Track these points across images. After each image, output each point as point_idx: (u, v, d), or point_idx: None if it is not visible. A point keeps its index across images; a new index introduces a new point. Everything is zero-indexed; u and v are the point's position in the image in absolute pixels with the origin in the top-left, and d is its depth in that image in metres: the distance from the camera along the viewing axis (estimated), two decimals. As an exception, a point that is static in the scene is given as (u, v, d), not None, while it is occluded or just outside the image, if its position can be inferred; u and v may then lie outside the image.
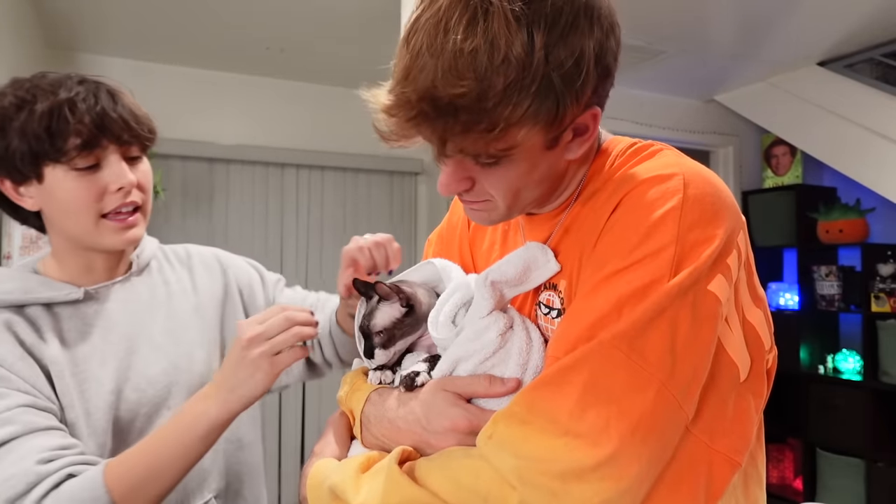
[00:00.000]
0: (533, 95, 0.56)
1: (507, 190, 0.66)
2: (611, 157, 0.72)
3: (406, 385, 0.71)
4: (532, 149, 0.62)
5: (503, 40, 0.54)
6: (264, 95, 3.21)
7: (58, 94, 0.84)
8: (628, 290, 0.58)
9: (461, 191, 0.67)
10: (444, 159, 0.64)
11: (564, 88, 0.57)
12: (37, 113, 0.83)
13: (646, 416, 0.55)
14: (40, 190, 0.87)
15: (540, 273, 0.71)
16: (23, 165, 0.84)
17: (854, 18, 2.56)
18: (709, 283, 0.59)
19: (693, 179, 0.63)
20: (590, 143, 0.65)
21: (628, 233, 0.61)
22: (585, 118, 0.62)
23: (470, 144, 0.59)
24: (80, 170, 0.85)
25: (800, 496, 3.28)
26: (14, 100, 0.84)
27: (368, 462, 0.66)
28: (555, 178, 0.69)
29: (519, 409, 0.58)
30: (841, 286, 3.21)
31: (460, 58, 0.54)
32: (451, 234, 0.91)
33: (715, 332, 0.59)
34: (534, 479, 0.55)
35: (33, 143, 0.83)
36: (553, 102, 0.57)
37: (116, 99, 0.88)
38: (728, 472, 0.59)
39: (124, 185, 0.88)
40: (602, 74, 0.61)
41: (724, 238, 0.60)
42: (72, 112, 0.83)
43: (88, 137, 0.84)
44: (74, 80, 0.87)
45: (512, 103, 0.55)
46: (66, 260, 0.93)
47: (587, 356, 0.57)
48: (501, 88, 0.55)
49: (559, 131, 0.61)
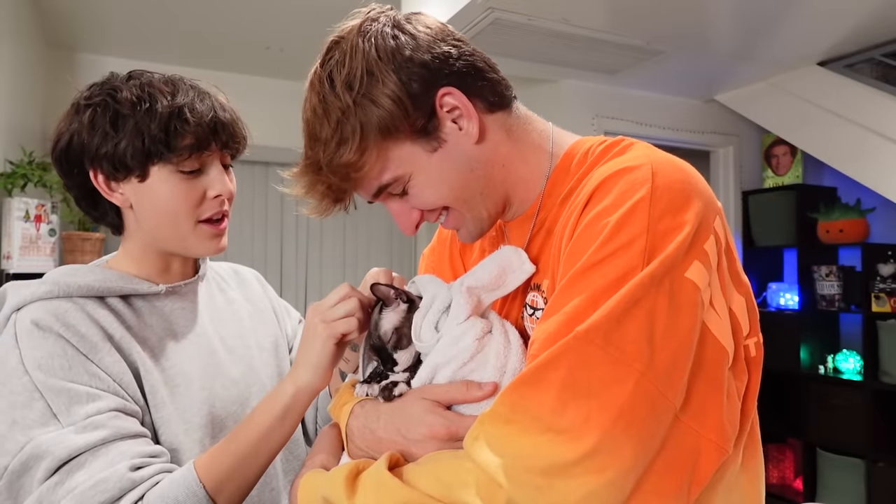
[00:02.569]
0: (356, 120, 0.67)
1: (442, 197, 0.72)
2: (577, 156, 0.74)
3: (384, 396, 0.72)
4: (417, 160, 0.70)
5: (316, 100, 0.69)
6: (264, 95, 3.21)
7: (176, 96, 0.85)
8: (603, 283, 0.59)
9: (418, 222, 0.75)
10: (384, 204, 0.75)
11: (374, 100, 0.67)
12: (158, 112, 0.83)
13: (626, 407, 0.55)
14: (139, 188, 0.86)
15: (515, 276, 0.72)
16: (132, 161, 0.83)
17: (854, 18, 2.56)
18: (685, 270, 0.59)
19: (661, 168, 0.63)
20: (474, 119, 0.71)
21: (601, 226, 0.62)
22: (440, 102, 0.69)
23: (363, 187, 0.71)
24: (185, 173, 0.86)
25: (800, 496, 3.27)
26: (131, 96, 0.84)
27: (357, 469, 0.66)
28: (482, 167, 0.73)
29: (503, 408, 0.59)
30: (841, 286, 3.21)
31: (306, 128, 0.71)
32: (442, 247, 0.94)
33: (695, 319, 0.59)
34: (519, 477, 0.55)
35: (148, 141, 0.82)
36: (375, 114, 0.67)
37: (223, 104, 0.90)
38: (715, 459, 0.59)
39: (223, 192, 0.90)
40: (408, 72, 0.68)
41: (696, 224, 0.61)
42: (192, 114, 0.84)
43: (201, 141, 0.85)
44: (187, 82, 0.89)
45: (347, 140, 0.67)
46: (143, 260, 0.92)
47: (565, 352, 0.58)
48: (331, 133, 0.67)
49: (420, 132, 0.69)
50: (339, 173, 0.68)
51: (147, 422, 0.82)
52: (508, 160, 0.74)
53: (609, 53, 2.84)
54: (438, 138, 0.70)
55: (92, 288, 0.84)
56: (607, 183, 0.64)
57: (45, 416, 0.74)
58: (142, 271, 0.92)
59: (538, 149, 0.76)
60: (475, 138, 0.71)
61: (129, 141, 0.82)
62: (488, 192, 0.74)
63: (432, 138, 0.70)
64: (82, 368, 0.77)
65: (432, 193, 0.72)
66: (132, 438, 0.76)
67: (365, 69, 0.67)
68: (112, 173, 0.85)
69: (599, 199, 0.64)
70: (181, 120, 0.83)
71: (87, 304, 0.83)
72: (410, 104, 0.67)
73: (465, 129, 0.71)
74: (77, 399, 0.75)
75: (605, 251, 0.60)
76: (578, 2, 2.33)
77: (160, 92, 0.85)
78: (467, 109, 0.70)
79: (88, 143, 0.84)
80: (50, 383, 0.75)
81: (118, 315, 0.85)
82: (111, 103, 0.84)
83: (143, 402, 0.82)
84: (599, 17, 2.48)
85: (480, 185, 0.73)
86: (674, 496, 0.57)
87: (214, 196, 0.89)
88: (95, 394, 0.77)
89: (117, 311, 0.86)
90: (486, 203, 0.74)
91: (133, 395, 0.81)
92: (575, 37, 2.61)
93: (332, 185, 0.70)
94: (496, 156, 0.73)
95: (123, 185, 0.86)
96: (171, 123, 0.83)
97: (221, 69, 3.13)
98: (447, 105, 0.70)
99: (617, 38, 2.68)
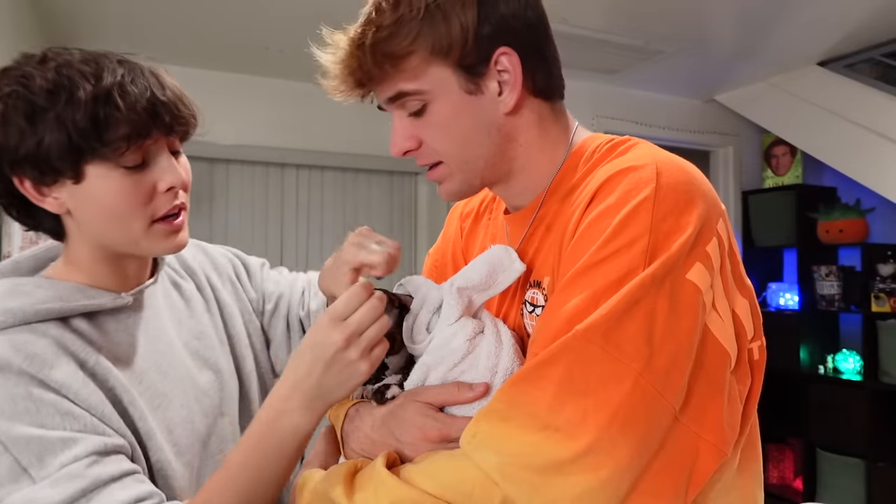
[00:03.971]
0: (419, 24, 0.67)
1: (448, 143, 0.72)
2: (586, 153, 0.74)
3: (377, 399, 0.71)
4: (448, 90, 0.69)
5: None
6: (264, 95, 3.21)
7: (102, 78, 0.71)
8: (604, 282, 0.59)
9: (409, 149, 0.74)
10: (392, 114, 0.74)
11: (444, 14, 0.67)
12: (81, 101, 0.69)
13: (623, 406, 0.55)
14: (75, 191, 0.73)
15: (506, 275, 0.71)
16: (59, 162, 0.70)
17: (854, 18, 2.56)
18: (687, 271, 0.59)
19: (666, 168, 0.63)
20: (517, 91, 0.70)
21: (603, 225, 0.61)
22: (497, 58, 0.69)
23: (383, 79, 0.70)
24: (127, 168, 0.73)
25: (800, 496, 3.27)
26: (45, 84, 0.69)
27: (355, 467, 0.66)
28: (499, 137, 0.72)
29: (500, 405, 0.59)
30: (841, 286, 3.21)
31: (368, 7, 0.70)
32: (446, 245, 0.94)
33: (696, 321, 0.59)
34: (515, 475, 0.55)
35: (75, 135, 0.69)
36: (436, 27, 0.67)
37: (161, 81, 0.76)
38: (713, 462, 0.59)
39: (175, 184, 0.77)
40: (488, 8, 0.68)
41: (699, 226, 0.60)
42: (123, 99, 0.70)
43: (139, 128, 0.72)
44: (113, 59, 0.74)
45: (403, 32, 0.67)
46: (93, 268, 0.79)
47: (563, 350, 0.58)
48: (391, 21, 0.67)
49: (466, 67, 0.68)
50: (375, 58, 0.67)
51: (138, 453, 0.73)
52: (527, 144, 0.74)
53: (609, 53, 2.84)
54: (478, 85, 0.70)
55: (53, 311, 0.71)
56: (611, 182, 0.64)
57: (12, 471, 0.63)
58: (95, 280, 0.78)
59: (558, 143, 0.76)
60: (508, 109, 0.71)
61: (52, 138, 0.69)
62: (493, 162, 0.74)
63: (472, 82, 0.69)
64: (52, 409, 0.66)
65: (443, 135, 0.72)
66: (116, 481, 0.67)
67: None
68: (38, 177, 0.72)
69: (603, 197, 0.64)
70: (110, 105, 0.70)
71: (49, 329, 0.70)
72: (473, 41, 0.68)
73: (504, 96, 0.71)
74: (49, 448, 0.65)
75: (607, 250, 0.60)
76: (578, 2, 2.33)
77: (80, 74, 0.70)
78: (516, 79, 0.70)
79: (4, 144, 0.70)
80: (15, 433, 0.64)
81: (84, 336, 0.73)
82: (24, 93, 0.69)
83: (130, 431, 0.73)
84: (599, 17, 2.48)
85: (488, 153, 0.73)
86: (671, 497, 0.57)
87: (166, 189, 0.76)
88: (70, 438, 0.66)
89: (81, 331, 0.74)
90: (484, 171, 0.74)
91: (117, 427, 0.71)
92: (575, 37, 2.61)
93: (363, 65, 0.68)
94: (518, 134, 0.73)
95: (56, 190, 0.73)
96: (97, 111, 0.69)
97: (221, 69, 3.13)
98: (501, 64, 0.69)
99: (617, 38, 2.68)
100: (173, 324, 0.86)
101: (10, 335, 0.68)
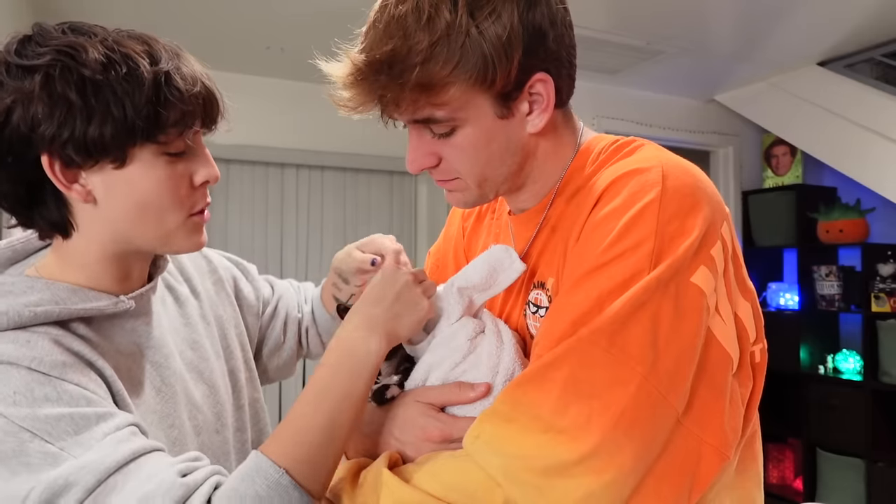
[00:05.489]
0: (460, 51, 0.60)
1: (471, 165, 0.68)
2: (592, 154, 0.73)
3: (376, 399, 0.71)
4: (481, 116, 0.65)
5: (427, 3, 0.60)
6: (264, 95, 3.21)
7: (159, 59, 0.66)
8: (609, 285, 0.58)
9: (427, 167, 0.70)
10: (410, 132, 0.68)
11: (490, 45, 0.61)
12: (143, 79, 0.64)
13: (628, 409, 0.55)
14: (112, 178, 0.66)
15: (507, 275, 0.71)
16: (111, 143, 0.63)
17: (854, 18, 2.56)
18: (691, 274, 0.59)
19: (672, 171, 0.63)
20: (548, 114, 0.67)
21: (609, 227, 0.61)
22: (533, 83, 0.65)
23: (411, 105, 0.63)
24: (171, 155, 0.68)
25: (800, 496, 3.27)
26: (98, 56, 0.63)
27: (358, 466, 0.66)
28: (521, 155, 0.70)
29: (504, 406, 0.59)
30: (841, 286, 3.21)
31: (392, 22, 0.61)
32: (447, 245, 0.93)
33: (700, 324, 0.59)
34: (518, 476, 0.55)
35: (132, 115, 0.63)
36: (480, 58, 0.61)
37: (205, 72, 0.73)
38: (716, 465, 0.59)
39: (210, 178, 0.72)
40: (534, 34, 0.63)
41: (704, 229, 0.60)
42: (182, 81, 0.66)
43: (187, 116, 0.67)
44: (159, 41, 0.70)
45: (441, 59, 0.60)
46: (95, 268, 0.71)
47: (568, 352, 0.57)
48: (427, 45, 0.59)
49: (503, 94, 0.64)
50: (405, 85, 0.60)
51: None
52: (543, 154, 0.72)
53: (609, 53, 2.84)
54: (510, 109, 0.66)
55: (51, 314, 0.65)
56: (617, 184, 0.64)
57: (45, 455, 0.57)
58: (92, 280, 0.71)
59: (567, 146, 0.75)
60: (537, 130, 0.68)
61: (108, 115, 0.62)
62: (511, 179, 0.72)
63: (505, 107, 0.66)
64: (76, 393, 0.61)
65: (467, 158, 0.67)
66: (162, 451, 0.63)
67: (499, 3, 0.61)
68: (75, 159, 0.64)
69: (609, 199, 0.63)
70: (170, 87, 0.65)
71: (49, 331, 0.65)
72: (517, 71, 0.63)
73: (534, 118, 0.68)
74: (84, 423, 0.60)
75: (613, 253, 0.60)
76: (578, 2, 2.32)
77: (135, 52, 0.65)
78: (549, 103, 0.67)
79: (44, 118, 0.61)
80: (42, 414, 0.59)
81: (87, 340, 0.68)
82: (72, 65, 0.62)
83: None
84: (599, 17, 2.48)
85: (508, 171, 0.71)
86: (674, 500, 0.57)
87: (201, 183, 0.72)
88: (105, 412, 0.61)
89: (87, 337, 0.68)
90: (502, 186, 0.72)
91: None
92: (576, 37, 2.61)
93: (388, 90, 0.61)
94: (537, 149, 0.72)
95: (92, 175, 0.66)
96: (159, 92, 0.64)
97: (221, 69, 3.13)
98: (535, 88, 0.66)
99: (617, 38, 2.68)
100: (171, 332, 0.80)
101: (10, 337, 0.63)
